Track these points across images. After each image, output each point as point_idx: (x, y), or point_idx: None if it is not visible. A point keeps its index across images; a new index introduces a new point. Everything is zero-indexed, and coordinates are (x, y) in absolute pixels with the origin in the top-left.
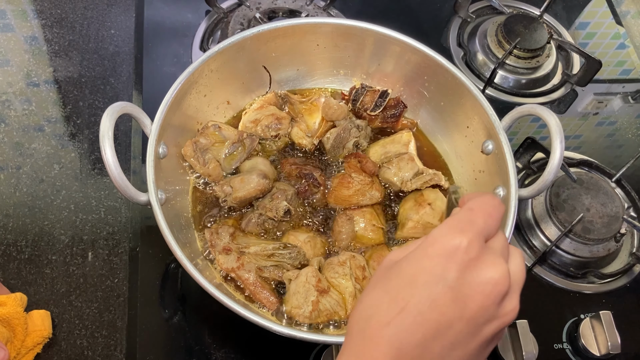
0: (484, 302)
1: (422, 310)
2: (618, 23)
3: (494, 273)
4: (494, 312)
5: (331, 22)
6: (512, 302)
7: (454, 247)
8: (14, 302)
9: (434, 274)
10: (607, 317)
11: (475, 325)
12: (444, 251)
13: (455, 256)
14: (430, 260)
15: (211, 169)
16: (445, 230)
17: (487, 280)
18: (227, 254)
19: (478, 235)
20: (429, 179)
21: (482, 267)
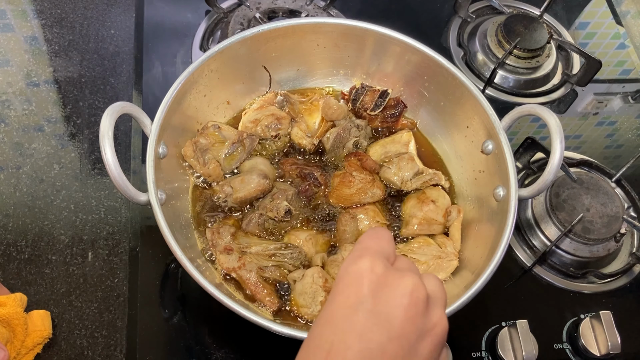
0: (407, 314)
1: (349, 343)
2: (618, 23)
3: (407, 284)
4: (422, 325)
5: (331, 22)
6: (437, 313)
7: (359, 271)
8: (14, 302)
9: (349, 305)
10: (607, 317)
11: (408, 342)
12: (351, 280)
13: (363, 279)
14: (342, 294)
15: (211, 169)
16: (346, 264)
17: (402, 292)
18: (228, 253)
19: (377, 255)
20: (429, 178)
21: (393, 282)
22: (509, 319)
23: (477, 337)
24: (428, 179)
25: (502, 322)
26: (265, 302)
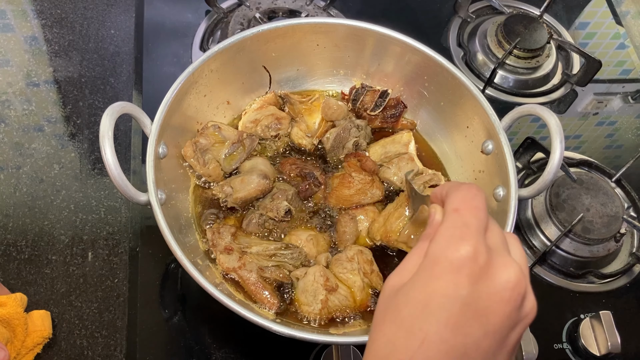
0: (506, 310)
1: (445, 337)
2: (618, 23)
3: (509, 275)
4: (517, 317)
5: (331, 22)
6: (530, 300)
7: (461, 258)
8: (14, 302)
9: (447, 295)
10: (607, 317)
11: (501, 336)
12: (451, 267)
13: (464, 268)
14: (438, 280)
15: (211, 170)
16: (445, 243)
17: (504, 285)
18: (228, 253)
19: (479, 238)
20: (429, 179)
21: (495, 272)
22: None
23: None
24: (427, 179)
25: None
26: (266, 302)
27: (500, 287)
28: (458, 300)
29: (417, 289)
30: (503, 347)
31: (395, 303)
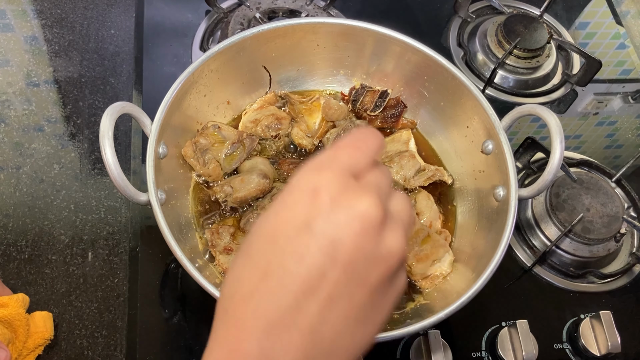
0: (356, 241)
1: (288, 267)
2: (618, 23)
3: (362, 206)
4: (373, 251)
5: (331, 22)
6: (393, 238)
7: (313, 188)
8: (16, 303)
9: (295, 225)
10: (607, 317)
11: (354, 270)
12: (302, 196)
13: (315, 199)
14: (289, 210)
15: (211, 169)
16: (302, 174)
17: (354, 216)
18: (228, 253)
19: (340, 171)
20: (432, 174)
21: (346, 203)
22: (509, 319)
23: (477, 337)
24: (430, 175)
25: (502, 322)
26: None
27: (350, 217)
28: (305, 230)
29: (269, 219)
30: (359, 283)
31: (248, 239)
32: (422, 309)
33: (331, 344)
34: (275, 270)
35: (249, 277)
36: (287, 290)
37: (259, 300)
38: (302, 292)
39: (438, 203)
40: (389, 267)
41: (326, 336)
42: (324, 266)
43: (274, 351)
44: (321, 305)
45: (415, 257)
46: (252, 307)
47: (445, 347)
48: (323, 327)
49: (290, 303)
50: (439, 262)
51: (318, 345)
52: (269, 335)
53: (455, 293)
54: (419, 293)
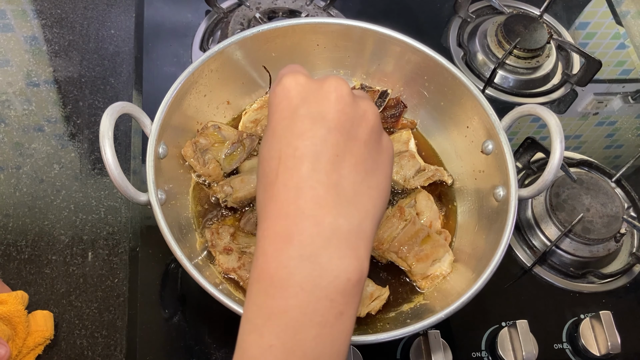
0: (338, 107)
1: (295, 145)
2: (618, 23)
3: (330, 82)
4: (353, 113)
5: (331, 22)
6: (364, 102)
7: (285, 87)
8: (15, 300)
9: (285, 117)
10: (607, 317)
11: (345, 130)
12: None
13: (290, 92)
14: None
15: (211, 169)
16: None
17: (327, 90)
18: (228, 254)
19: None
20: (431, 174)
21: (317, 86)
22: (509, 319)
23: (477, 337)
24: (430, 175)
25: (502, 322)
26: None
27: (325, 92)
28: (295, 116)
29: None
30: (353, 139)
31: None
32: (422, 309)
33: (353, 193)
34: (286, 152)
35: (270, 167)
36: (301, 161)
37: (283, 177)
38: (315, 157)
39: (438, 203)
40: (369, 123)
41: (347, 187)
42: (322, 134)
43: (307, 207)
44: (333, 163)
45: (415, 257)
46: (280, 184)
47: (445, 347)
48: (341, 179)
49: (308, 168)
50: (439, 262)
51: (342, 194)
52: (300, 197)
53: (455, 293)
54: (419, 293)
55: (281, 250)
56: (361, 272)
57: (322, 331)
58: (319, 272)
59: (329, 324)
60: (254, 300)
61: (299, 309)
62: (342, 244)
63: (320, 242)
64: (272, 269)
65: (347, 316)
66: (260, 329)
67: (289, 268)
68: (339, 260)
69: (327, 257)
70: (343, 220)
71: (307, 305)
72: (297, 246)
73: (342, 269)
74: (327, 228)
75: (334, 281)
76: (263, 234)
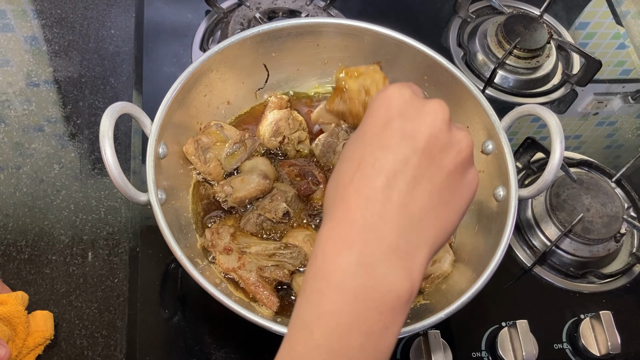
0: (432, 131)
1: (377, 156)
2: (618, 23)
3: (432, 105)
4: (445, 140)
5: (331, 22)
6: (461, 132)
7: (388, 96)
8: (15, 300)
9: (378, 125)
10: (607, 317)
11: (431, 155)
12: (380, 104)
13: (392, 102)
14: (371, 117)
15: (212, 168)
16: (376, 93)
17: (427, 112)
18: (227, 254)
19: (406, 86)
20: None
21: (419, 104)
22: (509, 319)
23: (477, 337)
24: None
25: (502, 322)
26: (265, 301)
27: (424, 113)
28: (388, 127)
29: (357, 131)
30: (437, 166)
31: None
32: (422, 309)
33: (420, 218)
34: (367, 160)
35: (347, 170)
36: (378, 173)
37: (357, 184)
38: (392, 173)
39: None
40: (460, 155)
41: (414, 211)
42: (407, 153)
43: (374, 220)
44: (408, 184)
45: None
46: (352, 189)
47: (445, 347)
48: (411, 202)
49: (383, 183)
50: (440, 262)
51: (408, 217)
52: (368, 208)
53: (456, 293)
54: (419, 293)
55: (342, 253)
56: (411, 292)
57: (367, 341)
58: (373, 284)
59: (374, 336)
60: (307, 297)
61: (349, 315)
62: (398, 263)
63: (379, 255)
64: (330, 270)
65: (391, 332)
66: (311, 326)
67: (346, 273)
68: (393, 277)
69: (382, 271)
70: (403, 241)
71: (357, 313)
72: (357, 254)
73: (395, 286)
74: (387, 244)
75: (386, 295)
76: (326, 234)
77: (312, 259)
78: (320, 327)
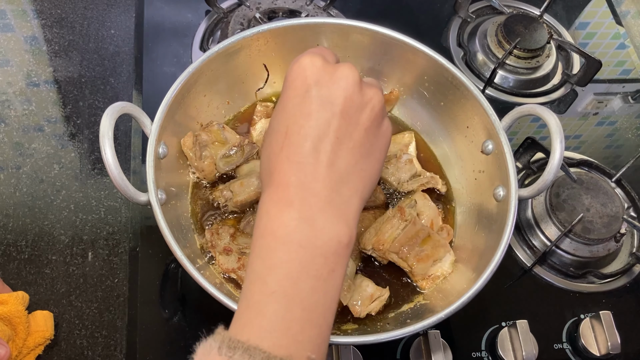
0: (346, 94)
1: (301, 124)
2: (618, 23)
3: (343, 70)
4: (359, 100)
5: (331, 22)
6: (371, 90)
7: (301, 66)
8: (15, 300)
9: (297, 95)
10: (607, 317)
11: (349, 115)
12: (296, 74)
13: (306, 72)
14: (289, 89)
15: (205, 165)
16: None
17: (339, 77)
18: (227, 254)
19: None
20: (426, 181)
21: (332, 71)
22: (509, 319)
23: (477, 337)
24: (425, 182)
25: (502, 322)
26: None
27: (337, 78)
28: (306, 96)
29: (278, 103)
30: (355, 124)
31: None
32: (422, 309)
33: (347, 173)
34: (293, 128)
35: (277, 139)
36: (305, 139)
37: (288, 151)
38: (317, 137)
39: (439, 203)
40: (373, 110)
41: (342, 166)
42: (327, 117)
43: (307, 180)
44: (332, 145)
45: (416, 257)
46: (284, 156)
47: (445, 347)
48: (337, 160)
49: (310, 146)
50: (440, 262)
51: (336, 173)
52: (301, 170)
53: (456, 293)
54: (419, 293)
55: (283, 212)
56: (350, 236)
57: (317, 283)
58: (315, 234)
59: (322, 278)
60: (257, 253)
61: (298, 263)
62: (334, 213)
63: (317, 209)
64: (275, 227)
65: (338, 273)
66: (264, 277)
67: (290, 227)
68: (332, 226)
69: (322, 222)
70: (335, 194)
71: (305, 260)
72: (297, 210)
73: (335, 233)
74: (322, 199)
75: (328, 242)
76: (268, 197)
77: (258, 220)
78: (272, 276)
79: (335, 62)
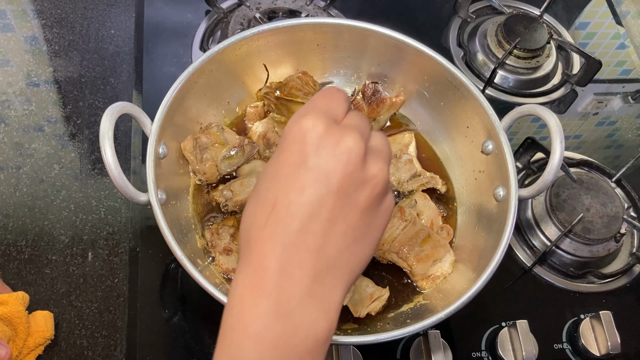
0: (345, 170)
1: (292, 199)
2: (618, 23)
3: (347, 141)
4: (360, 177)
5: (331, 22)
6: (376, 166)
7: (301, 130)
8: (16, 300)
9: (292, 163)
10: (607, 317)
11: (346, 195)
12: (294, 139)
13: (306, 138)
14: (285, 152)
15: (207, 167)
16: (291, 122)
17: (342, 150)
18: (227, 254)
19: (322, 114)
20: (426, 181)
21: (334, 141)
22: (509, 319)
23: (477, 337)
24: (425, 182)
25: (502, 322)
26: None
27: (339, 152)
28: (301, 166)
29: (270, 164)
30: (351, 205)
31: (257, 183)
32: (422, 309)
33: (335, 259)
34: (281, 202)
35: (261, 211)
36: (294, 217)
37: (272, 228)
38: (307, 217)
39: (439, 203)
40: (375, 190)
41: (330, 253)
42: (321, 194)
43: (290, 266)
44: (323, 227)
45: (416, 257)
46: (267, 233)
47: (445, 347)
48: (326, 245)
49: (298, 227)
50: (440, 262)
51: (324, 260)
52: (283, 254)
53: (456, 293)
54: (419, 293)
55: (258, 303)
56: (329, 331)
57: None
58: (291, 331)
59: None
60: (226, 348)
61: None
62: (315, 306)
63: (295, 301)
64: (248, 321)
65: None
66: None
67: (264, 324)
68: (310, 322)
69: (300, 317)
70: (317, 284)
71: None
72: (273, 303)
73: (313, 330)
74: (303, 289)
75: (305, 340)
76: (242, 282)
77: (229, 307)
78: None
79: (345, 113)
